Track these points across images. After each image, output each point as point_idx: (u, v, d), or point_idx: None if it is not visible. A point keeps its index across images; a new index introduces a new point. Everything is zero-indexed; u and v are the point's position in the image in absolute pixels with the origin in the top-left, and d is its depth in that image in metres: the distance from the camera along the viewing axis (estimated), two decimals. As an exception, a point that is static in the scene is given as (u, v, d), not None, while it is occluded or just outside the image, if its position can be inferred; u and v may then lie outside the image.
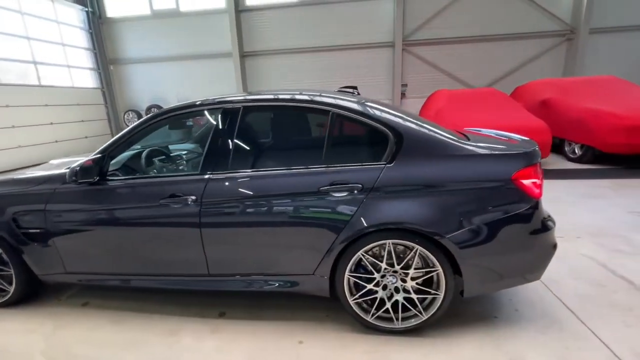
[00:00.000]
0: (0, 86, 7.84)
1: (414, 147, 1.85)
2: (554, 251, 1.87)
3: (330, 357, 1.78)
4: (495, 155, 1.84)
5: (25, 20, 8.44)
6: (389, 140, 1.87)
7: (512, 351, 1.76)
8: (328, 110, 1.97)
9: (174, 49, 10.88)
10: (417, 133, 1.89)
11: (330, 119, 1.96)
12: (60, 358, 1.86)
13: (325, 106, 1.98)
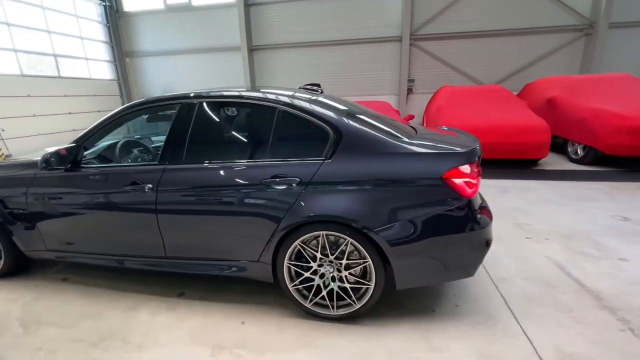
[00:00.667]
0: (23, 77, 8.39)
1: (352, 144, 1.93)
2: (487, 249, 1.92)
3: (264, 339, 1.92)
4: (429, 153, 1.90)
5: (46, 14, 8.93)
6: (329, 137, 1.96)
7: (438, 343, 1.83)
8: (275, 107, 2.08)
9: (185, 42, 11.20)
10: (356, 131, 1.96)
11: (277, 116, 2.07)
12: (30, 324, 2.10)
13: (273, 103, 2.09)
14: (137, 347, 1.88)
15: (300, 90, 2.59)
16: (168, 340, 1.93)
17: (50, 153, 2.19)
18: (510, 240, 3.03)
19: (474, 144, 2.05)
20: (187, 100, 2.22)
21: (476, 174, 1.93)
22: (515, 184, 4.77)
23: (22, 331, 2.05)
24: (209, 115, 2.21)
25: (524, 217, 3.53)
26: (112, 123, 2.35)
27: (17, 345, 1.93)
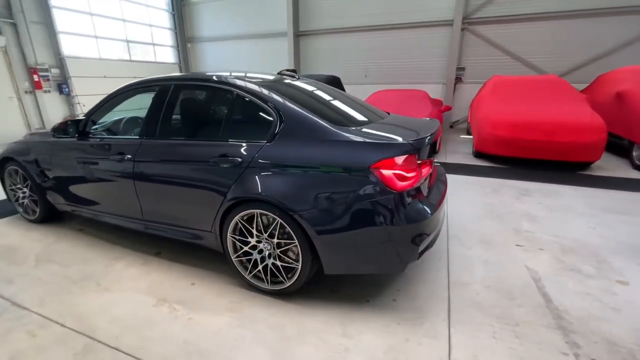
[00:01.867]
0: (101, 60, 9.77)
1: (292, 129, 1.99)
2: (416, 246, 1.85)
3: (202, 299, 2.14)
4: (361, 143, 1.87)
5: (122, 5, 10.17)
6: (272, 122, 2.04)
7: (353, 331, 1.86)
8: (232, 91, 2.22)
9: (238, 29, 11.81)
10: (297, 116, 2.01)
11: (232, 98, 2.21)
12: (41, 260, 2.63)
13: (231, 87, 2.23)
14: (104, 289, 2.26)
15: (266, 75, 2.67)
16: (129, 288, 2.26)
17: (58, 123, 2.64)
18: (496, 245, 2.80)
19: (421, 136, 1.95)
20: (163, 83, 2.48)
21: (414, 167, 1.85)
22: (542, 187, 4.27)
23: (34, 264, 2.57)
24: (178, 96, 2.44)
25: (529, 224, 3.19)
26: (111, 101, 2.74)
27: (26, 274, 2.45)
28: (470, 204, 3.74)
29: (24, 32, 7.90)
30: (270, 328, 1.89)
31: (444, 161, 5.71)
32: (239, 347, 1.76)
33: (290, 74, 2.76)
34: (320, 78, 7.98)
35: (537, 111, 5.28)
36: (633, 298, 2.12)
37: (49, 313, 2.03)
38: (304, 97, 2.33)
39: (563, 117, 5.01)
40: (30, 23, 8.01)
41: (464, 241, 2.89)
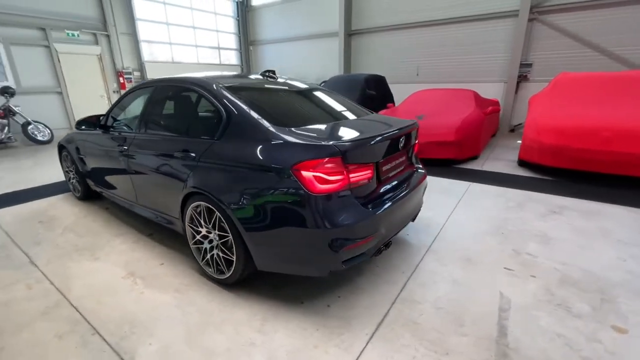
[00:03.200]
0: (173, 64, 11.15)
1: (237, 128, 2.09)
2: (334, 252, 1.78)
3: (160, 278, 2.39)
4: (290, 143, 1.87)
5: (193, 14, 11.45)
6: (222, 120, 2.17)
7: (269, 329, 1.88)
8: (196, 91, 2.40)
9: (293, 30, 12.28)
10: (243, 116, 2.10)
11: (196, 98, 2.39)
12: (66, 230, 3.21)
13: (195, 87, 2.41)
14: (94, 259, 2.67)
15: (251, 77, 2.79)
16: (112, 260, 2.64)
17: (83, 118, 3.18)
18: (479, 265, 2.49)
19: (352, 138, 1.87)
20: (154, 84, 2.80)
21: (338, 171, 1.79)
22: (582, 205, 3.59)
23: (60, 232, 3.16)
24: (159, 96, 2.73)
25: (537, 246, 2.75)
26: (122, 100, 3.18)
27: (51, 239, 3.02)
28: (480, 217, 3.35)
29: (115, 41, 9.48)
30: (200, 312, 2.02)
31: (478, 169, 5.16)
32: (164, 323, 1.93)
33: (270, 75, 2.85)
34: (357, 78, 7.90)
35: (597, 115, 4.42)
36: (621, 351, 1.70)
37: (48, 272, 2.49)
38: (262, 98, 2.42)
39: (628, 122, 4.10)
40: (120, 34, 9.58)
41: (442, 256, 2.63)
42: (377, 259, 2.59)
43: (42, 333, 1.88)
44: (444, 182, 4.51)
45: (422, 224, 3.22)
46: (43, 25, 8.09)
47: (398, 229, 2.29)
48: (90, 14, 8.96)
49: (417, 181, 2.50)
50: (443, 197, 3.95)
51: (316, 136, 1.92)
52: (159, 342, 1.80)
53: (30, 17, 7.86)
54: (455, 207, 3.64)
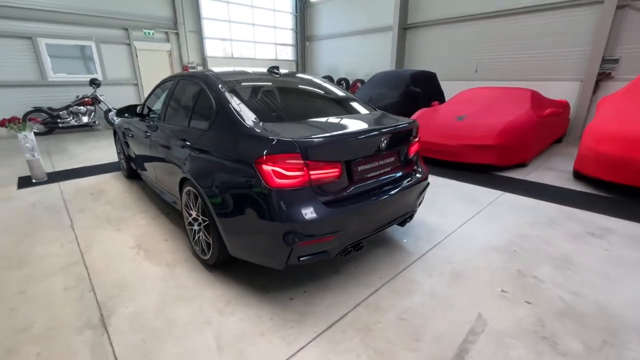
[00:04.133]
0: (233, 59, 11.97)
1: (221, 121, 2.23)
2: (287, 245, 1.81)
3: (159, 252, 2.67)
4: (257, 137, 1.93)
5: (253, 12, 12.10)
6: (213, 113, 2.32)
7: (228, 311, 2.00)
8: (200, 85, 2.60)
9: (348, 26, 12.19)
10: (227, 110, 2.22)
11: (200, 91, 2.58)
12: (106, 203, 3.75)
13: (200, 81, 2.61)
14: (117, 230, 3.09)
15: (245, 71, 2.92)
16: (129, 233, 3.02)
17: (123, 106, 3.66)
18: (469, 281, 2.29)
19: (315, 136, 1.86)
20: (175, 78, 3.10)
21: (297, 167, 1.80)
22: (632, 230, 3.02)
23: (102, 204, 3.71)
24: (176, 89, 3.00)
25: (550, 270, 2.41)
26: (153, 93, 3.57)
27: (93, 209, 3.57)
28: (496, 230, 3.04)
29: (183, 39, 10.52)
30: (178, 287, 2.23)
31: (520, 178, 4.62)
32: (146, 292, 2.18)
33: (274, 71, 2.92)
34: (402, 74, 7.56)
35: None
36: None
37: (80, 236, 2.96)
38: (253, 93, 2.52)
39: None
40: (187, 32, 10.59)
41: (432, 266, 2.46)
42: (359, 260, 2.54)
43: (55, 284, 2.27)
44: (472, 189, 4.14)
45: (426, 230, 3.04)
46: (126, 25, 9.35)
47: (373, 232, 2.22)
48: (165, 15, 10.07)
49: (408, 184, 2.37)
50: (463, 205, 3.65)
51: (282, 132, 1.95)
52: (135, 306, 2.04)
53: (117, 19, 9.14)
54: (472, 217, 3.34)
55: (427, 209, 3.52)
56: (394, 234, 2.97)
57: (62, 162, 5.59)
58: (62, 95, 8.54)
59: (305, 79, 3.09)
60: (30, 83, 8.16)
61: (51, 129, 8.13)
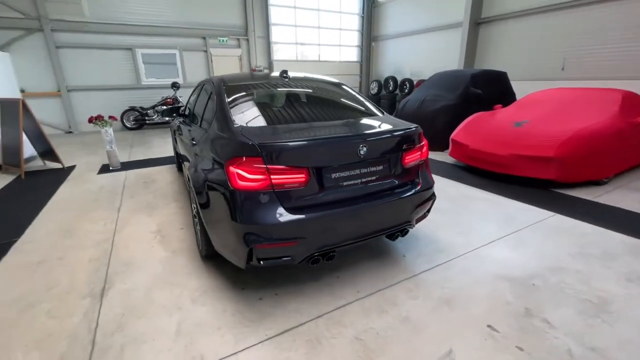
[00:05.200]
0: (297, 62, 12.47)
1: (216, 122, 2.38)
2: (246, 246, 1.86)
3: (172, 239, 2.97)
4: (232, 140, 2.01)
5: (319, 15, 12.40)
6: (213, 115, 2.50)
7: (200, 301, 2.13)
8: (209, 88, 2.80)
9: (415, 24, 11.59)
10: (220, 112, 2.37)
11: (209, 94, 2.79)
12: (154, 190, 4.31)
13: (211, 85, 2.82)
14: (149, 215, 3.54)
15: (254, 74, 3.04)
16: (156, 218, 3.43)
17: (168, 107, 4.15)
18: (459, 312, 2.02)
19: (277, 141, 1.87)
20: (203, 83, 3.39)
21: (259, 170, 1.84)
22: None
23: (150, 192, 4.28)
24: (200, 92, 3.28)
25: (571, 316, 1.98)
26: (192, 95, 3.97)
27: (141, 194, 4.14)
28: (523, 258, 2.60)
29: (253, 44, 11.37)
30: (171, 272, 2.47)
31: (587, 198, 3.83)
32: (144, 273, 2.46)
33: (284, 75, 2.98)
34: (462, 74, 6.88)
35: None
36: None
37: (121, 217, 3.49)
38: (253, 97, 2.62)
39: None
40: (257, 38, 11.41)
41: (421, 289, 2.23)
42: (343, 270, 2.45)
43: (85, 255, 2.72)
44: (515, 207, 3.59)
45: (435, 247, 2.75)
46: (205, 34, 10.52)
47: (350, 242, 2.11)
48: (237, 23, 11.02)
49: (398, 196, 2.20)
50: (495, 223, 3.19)
51: (259, 136, 1.99)
52: (131, 283, 2.33)
53: (197, 30, 10.36)
54: (499, 238, 2.91)
55: (447, 224, 3.18)
56: (393, 248, 2.77)
57: (139, 153, 6.59)
58: (151, 97, 10.05)
59: (315, 83, 3.07)
60: (129, 86, 9.80)
61: (141, 125, 9.64)
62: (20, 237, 3.06)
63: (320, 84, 3.09)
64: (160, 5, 9.71)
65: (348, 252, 2.69)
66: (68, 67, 8.97)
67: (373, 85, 13.60)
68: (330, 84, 3.12)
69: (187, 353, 1.73)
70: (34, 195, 4.17)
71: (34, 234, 3.11)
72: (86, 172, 5.26)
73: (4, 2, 7.98)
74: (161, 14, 9.77)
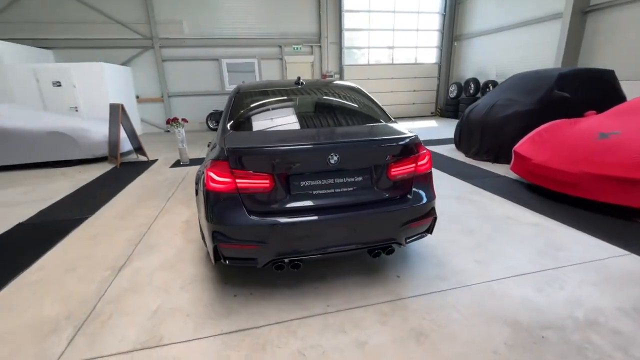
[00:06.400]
0: (368, 66, 12.35)
1: (219, 125, 2.58)
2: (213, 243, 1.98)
3: (196, 229, 3.33)
4: (218, 144, 2.17)
5: (395, 17, 12.02)
6: (222, 119, 2.72)
7: (186, 287, 2.35)
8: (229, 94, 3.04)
9: (505, 18, 10.24)
10: (225, 117, 2.55)
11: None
12: (201, 184, 4.87)
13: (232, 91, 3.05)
14: (187, 206, 4.02)
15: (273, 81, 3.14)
16: (191, 210, 3.87)
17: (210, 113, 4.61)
18: (426, 350, 1.78)
19: (242, 146, 1.95)
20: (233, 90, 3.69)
21: (225, 174, 1.94)
22: None
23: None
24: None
25: None
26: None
27: (189, 188, 4.72)
28: (545, 303, 2.13)
29: (325, 50, 11.72)
30: (178, 259, 2.77)
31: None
32: (159, 255, 2.82)
33: (298, 81, 3.03)
34: (546, 75, 5.82)
35: None
36: None
37: (167, 207, 4.05)
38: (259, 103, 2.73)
39: None
40: (329, 44, 11.72)
41: (396, 314, 2.02)
42: (323, 281, 2.38)
43: (125, 235, 3.26)
44: (570, 237, 2.91)
45: (438, 273, 2.44)
46: (281, 43, 11.31)
47: (315, 253, 2.04)
48: (312, 31, 11.51)
49: (380, 210, 2.05)
50: (530, 254, 2.65)
51: (237, 141, 2.10)
52: (143, 264, 2.71)
53: (274, 39, 11.20)
54: (527, 273, 2.41)
55: (469, 247, 2.78)
56: (390, 266, 2.55)
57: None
58: (231, 101, 11.28)
59: (327, 89, 3.04)
60: (215, 92, 11.18)
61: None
62: (93, 214, 3.84)
63: (334, 89, 3.04)
64: (244, 19, 10.82)
65: (338, 261, 2.60)
66: (169, 77, 10.74)
67: (452, 88, 12.57)
68: (344, 89, 3.05)
69: (152, 332, 1.95)
70: (118, 182, 5.15)
71: (101, 214, 3.86)
72: (162, 165, 6.24)
73: (130, 27, 10.02)
74: (244, 27, 10.88)
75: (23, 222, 3.66)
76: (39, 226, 3.55)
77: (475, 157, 6.07)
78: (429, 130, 9.62)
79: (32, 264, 2.76)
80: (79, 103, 8.25)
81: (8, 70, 7.89)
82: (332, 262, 2.61)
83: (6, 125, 5.79)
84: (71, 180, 5.31)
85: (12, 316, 2.13)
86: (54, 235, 3.29)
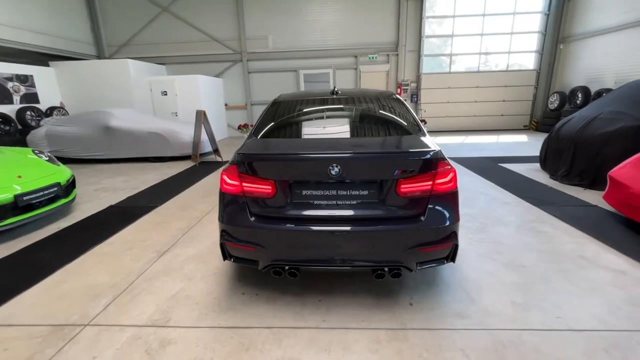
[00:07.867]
0: (449, 74, 11.50)
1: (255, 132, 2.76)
2: (221, 241, 2.12)
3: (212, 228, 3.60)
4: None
5: (484, 20, 10.95)
6: (255, 127, 2.90)
7: (195, 277, 2.56)
8: (270, 105, 3.22)
9: (627, 12, 8.34)
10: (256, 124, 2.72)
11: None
12: (255, 186, 5.24)
13: (273, 101, 3.22)
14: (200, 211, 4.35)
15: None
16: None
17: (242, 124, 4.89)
18: (408, 389, 1.58)
19: (249, 152, 2.04)
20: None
21: (233, 177, 2.07)
22: None
23: (253, 187, 5.22)
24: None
25: None
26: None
27: (246, 189, 5.12)
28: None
29: (402, 59, 11.37)
30: (209, 251, 3.04)
31: None
32: (197, 246, 3.14)
33: (334, 91, 3.02)
34: None
35: None
36: None
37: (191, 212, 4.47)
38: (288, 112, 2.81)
39: None
40: (407, 52, 11.34)
41: (392, 343, 1.85)
42: (330, 295, 2.31)
43: (177, 225, 3.72)
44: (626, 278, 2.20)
45: (460, 308, 2.14)
46: (356, 53, 11.42)
47: (313, 264, 2.00)
48: (389, 39, 11.32)
49: (383, 228, 1.92)
50: (593, 307, 2.11)
51: (255, 147, 2.23)
52: (180, 252, 3.05)
53: (350, 50, 11.38)
54: (578, 330, 1.92)
55: (512, 287, 2.37)
56: (405, 291, 2.32)
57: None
58: (305, 110, 11.83)
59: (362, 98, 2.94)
60: (291, 101, 11.90)
61: (294, 132, 11.53)
62: (162, 204, 4.49)
63: (369, 99, 2.94)
64: (323, 31, 11.29)
65: (350, 277, 2.49)
66: (253, 87, 11.87)
67: (553, 98, 10.83)
68: (381, 98, 2.93)
69: (164, 312, 2.18)
70: (192, 178, 5.90)
71: (168, 204, 4.49)
72: (231, 166, 6.92)
73: (225, 43, 11.46)
74: (322, 39, 11.33)
75: (113, 204, 4.50)
76: (123, 209, 4.32)
77: (563, 180, 5.07)
78: (514, 146, 8.43)
79: (106, 239, 3.38)
80: (178, 109, 9.77)
81: (133, 82, 9.86)
82: (342, 276, 2.51)
83: (124, 126, 7.22)
84: (159, 174, 6.31)
85: (79, 278, 2.65)
86: (129, 218, 3.97)
